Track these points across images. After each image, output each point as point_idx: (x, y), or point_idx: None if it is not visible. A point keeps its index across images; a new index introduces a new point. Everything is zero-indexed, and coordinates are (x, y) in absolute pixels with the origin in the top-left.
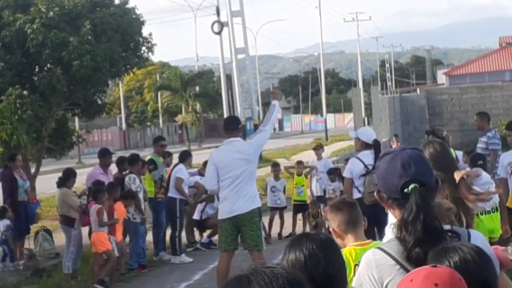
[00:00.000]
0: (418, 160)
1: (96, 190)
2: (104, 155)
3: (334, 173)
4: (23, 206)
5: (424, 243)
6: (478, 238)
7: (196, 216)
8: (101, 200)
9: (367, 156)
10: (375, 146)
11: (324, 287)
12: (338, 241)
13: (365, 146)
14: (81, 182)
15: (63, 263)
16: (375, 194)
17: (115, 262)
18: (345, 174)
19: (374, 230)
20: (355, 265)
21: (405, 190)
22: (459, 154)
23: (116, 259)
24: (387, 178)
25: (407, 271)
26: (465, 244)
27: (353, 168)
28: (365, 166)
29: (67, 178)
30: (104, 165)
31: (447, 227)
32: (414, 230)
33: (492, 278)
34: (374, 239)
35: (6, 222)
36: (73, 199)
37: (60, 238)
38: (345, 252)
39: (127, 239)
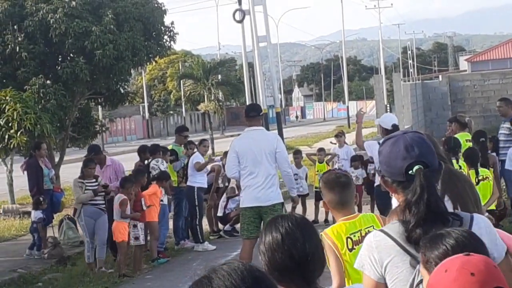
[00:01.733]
0: (421, 142)
1: (124, 178)
2: (98, 152)
3: (357, 160)
4: (49, 194)
5: (426, 223)
6: (482, 222)
7: (219, 213)
8: (127, 190)
9: None
10: (393, 131)
11: (303, 266)
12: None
13: (385, 132)
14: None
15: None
16: (379, 179)
17: (129, 253)
18: (366, 145)
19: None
20: (347, 237)
21: (410, 172)
22: None
23: (141, 247)
24: (391, 161)
25: (407, 252)
26: (455, 229)
27: (373, 151)
28: None
29: (84, 168)
30: (98, 162)
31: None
32: (417, 210)
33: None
34: None
35: (39, 214)
36: (76, 189)
37: None
38: (335, 227)
39: None
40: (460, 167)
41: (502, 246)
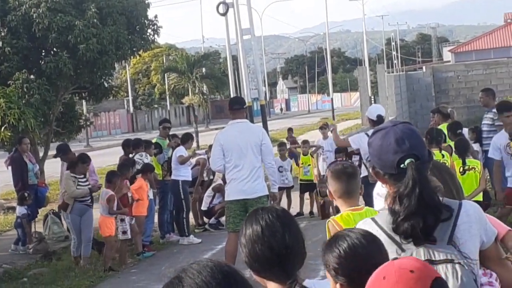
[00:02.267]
0: (411, 134)
1: (110, 173)
2: (66, 152)
3: (342, 152)
4: (33, 189)
5: (415, 217)
6: (470, 208)
7: (204, 207)
8: (114, 184)
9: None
10: (378, 122)
11: (283, 258)
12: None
13: (372, 123)
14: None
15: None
16: (370, 170)
17: (115, 247)
18: (354, 146)
19: None
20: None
21: (401, 165)
22: (465, 130)
23: (127, 240)
24: (382, 154)
25: (394, 240)
26: (353, 230)
27: (361, 144)
28: None
29: (75, 163)
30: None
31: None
32: (408, 203)
33: (381, 260)
34: None
35: (23, 209)
36: (69, 183)
37: None
38: (343, 215)
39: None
40: (443, 156)
41: (492, 231)
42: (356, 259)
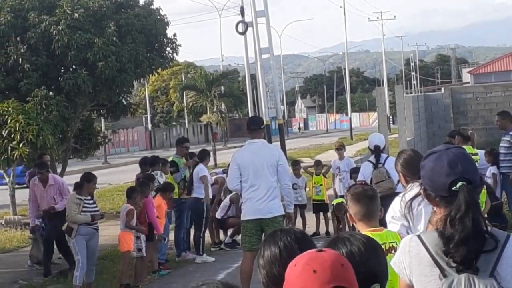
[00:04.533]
0: (463, 158)
1: (130, 189)
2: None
3: (357, 172)
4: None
5: (470, 241)
6: None
7: (218, 215)
8: (134, 200)
9: (373, 159)
10: (375, 151)
11: None
12: (353, 224)
13: (370, 152)
14: (107, 182)
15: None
16: (421, 191)
17: (132, 264)
18: (359, 178)
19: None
20: None
21: (453, 188)
22: (481, 153)
23: (144, 258)
24: (434, 176)
25: (437, 263)
26: (356, 235)
27: (364, 171)
28: (374, 165)
29: (80, 184)
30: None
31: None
32: (462, 227)
33: (379, 269)
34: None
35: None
36: (72, 206)
37: None
38: None
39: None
40: None
41: None
42: (352, 266)
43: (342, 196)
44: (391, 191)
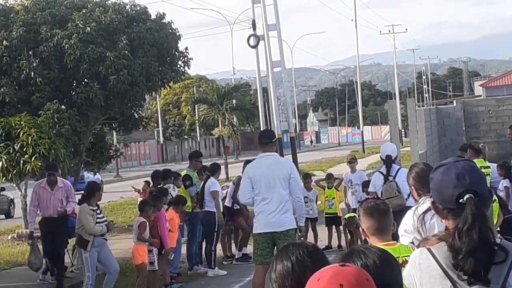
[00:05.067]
0: (472, 171)
1: (142, 202)
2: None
3: (369, 186)
4: (65, 219)
5: (477, 253)
6: None
7: (227, 202)
8: (146, 213)
9: (383, 170)
10: (386, 161)
11: None
12: (366, 238)
13: (382, 162)
14: (119, 195)
15: None
16: (430, 204)
17: (146, 277)
18: (369, 189)
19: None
20: None
21: (461, 200)
22: (493, 166)
23: (156, 272)
24: (442, 188)
25: (448, 276)
26: (371, 248)
27: (375, 182)
28: (385, 177)
29: (91, 194)
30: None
31: (497, 240)
32: (469, 239)
33: (394, 282)
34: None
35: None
36: (88, 218)
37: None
38: None
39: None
40: None
41: None
42: None
43: (355, 209)
44: (400, 208)
